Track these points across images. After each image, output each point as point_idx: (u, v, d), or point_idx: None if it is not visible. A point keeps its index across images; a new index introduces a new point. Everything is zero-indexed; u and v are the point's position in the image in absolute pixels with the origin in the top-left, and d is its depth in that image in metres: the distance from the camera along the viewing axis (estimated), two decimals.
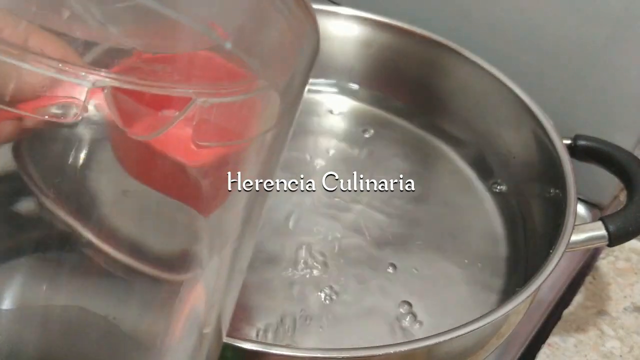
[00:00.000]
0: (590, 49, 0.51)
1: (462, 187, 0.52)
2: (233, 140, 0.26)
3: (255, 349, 0.32)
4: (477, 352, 0.39)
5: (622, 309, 0.49)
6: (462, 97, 0.54)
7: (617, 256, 0.53)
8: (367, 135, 0.55)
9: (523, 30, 0.53)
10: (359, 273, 0.45)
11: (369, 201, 0.49)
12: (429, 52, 0.53)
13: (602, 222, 0.42)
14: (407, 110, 0.56)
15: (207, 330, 0.26)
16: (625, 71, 0.50)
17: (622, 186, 0.53)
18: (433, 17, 0.57)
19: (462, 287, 0.45)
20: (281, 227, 0.47)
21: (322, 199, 0.49)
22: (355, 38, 0.55)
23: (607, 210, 0.57)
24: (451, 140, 0.55)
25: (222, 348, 0.33)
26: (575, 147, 0.47)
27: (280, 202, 0.48)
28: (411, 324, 0.42)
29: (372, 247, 0.47)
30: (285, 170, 0.50)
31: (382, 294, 0.44)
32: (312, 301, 0.43)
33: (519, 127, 0.50)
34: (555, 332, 0.48)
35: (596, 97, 0.52)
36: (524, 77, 0.51)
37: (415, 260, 0.46)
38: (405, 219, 0.49)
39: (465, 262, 0.46)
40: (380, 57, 0.55)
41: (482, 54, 0.51)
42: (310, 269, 0.45)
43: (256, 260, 0.44)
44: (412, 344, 0.33)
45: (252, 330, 0.41)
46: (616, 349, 0.47)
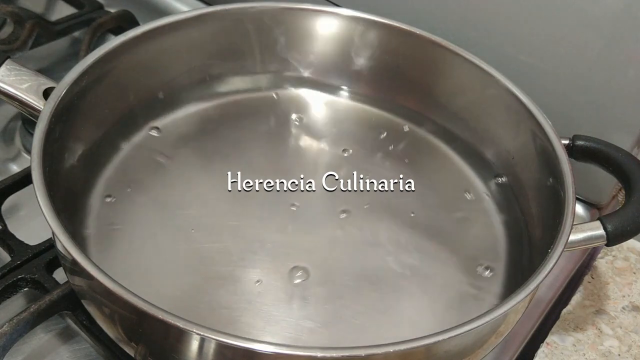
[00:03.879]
0: (588, 49, 0.51)
1: (460, 186, 0.52)
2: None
3: (256, 348, 0.33)
4: (475, 351, 0.39)
5: (621, 308, 0.49)
6: (461, 98, 0.54)
7: (615, 256, 0.53)
8: (367, 135, 0.55)
9: (521, 31, 0.53)
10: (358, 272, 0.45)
11: (370, 200, 0.49)
12: (429, 52, 0.53)
13: (601, 221, 0.42)
14: (406, 110, 0.56)
15: None
16: (624, 71, 0.50)
17: (620, 186, 0.53)
18: (433, 18, 0.57)
19: (460, 285, 0.45)
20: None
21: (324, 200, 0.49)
22: (355, 39, 0.55)
23: (605, 209, 0.57)
24: (450, 140, 0.55)
25: (223, 347, 0.33)
26: (574, 147, 0.47)
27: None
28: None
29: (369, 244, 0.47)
30: (287, 170, 0.50)
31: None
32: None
33: (517, 127, 0.50)
34: (553, 331, 0.48)
35: (594, 97, 0.52)
36: (522, 77, 0.51)
37: (414, 258, 0.46)
38: (404, 217, 0.49)
39: (463, 260, 0.46)
40: (380, 58, 0.56)
41: (481, 54, 0.52)
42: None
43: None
44: (411, 343, 0.33)
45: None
46: (614, 348, 0.47)
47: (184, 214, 0.47)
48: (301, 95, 0.57)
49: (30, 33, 0.61)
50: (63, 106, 0.44)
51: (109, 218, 0.46)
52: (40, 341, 0.44)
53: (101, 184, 0.48)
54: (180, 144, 0.52)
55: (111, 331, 0.38)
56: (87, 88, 0.46)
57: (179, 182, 0.49)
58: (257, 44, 0.56)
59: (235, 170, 0.49)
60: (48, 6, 0.71)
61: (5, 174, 0.52)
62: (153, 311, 0.33)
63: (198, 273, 0.44)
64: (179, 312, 0.33)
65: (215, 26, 0.54)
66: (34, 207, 0.38)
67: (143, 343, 0.37)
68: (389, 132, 0.55)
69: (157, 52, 0.51)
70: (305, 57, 0.57)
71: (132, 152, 0.50)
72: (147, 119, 0.52)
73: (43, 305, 0.41)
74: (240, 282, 0.43)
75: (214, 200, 0.48)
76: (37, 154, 0.40)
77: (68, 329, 0.44)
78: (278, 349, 0.33)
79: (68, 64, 0.64)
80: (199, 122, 0.54)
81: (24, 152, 0.56)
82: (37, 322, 0.41)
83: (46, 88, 0.44)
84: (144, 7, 0.71)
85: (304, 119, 0.56)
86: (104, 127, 0.49)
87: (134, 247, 0.45)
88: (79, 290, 0.40)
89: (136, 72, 0.51)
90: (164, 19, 0.51)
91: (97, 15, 0.66)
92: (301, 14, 0.55)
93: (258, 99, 0.56)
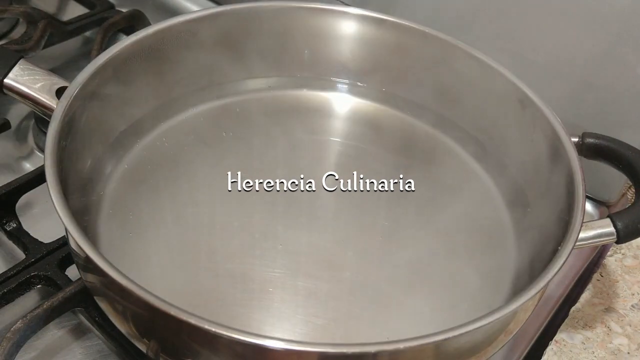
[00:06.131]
0: (597, 47, 0.51)
1: (469, 184, 0.52)
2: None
3: (267, 344, 0.33)
4: (485, 349, 0.39)
5: (630, 306, 0.49)
6: (470, 96, 0.54)
7: (624, 253, 0.53)
8: (375, 133, 0.55)
9: (531, 30, 0.53)
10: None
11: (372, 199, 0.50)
12: (438, 51, 0.53)
13: (610, 219, 0.42)
14: (415, 108, 0.56)
15: None
16: (633, 69, 0.50)
17: (630, 184, 0.53)
18: (442, 17, 0.57)
19: (469, 283, 0.45)
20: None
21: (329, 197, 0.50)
22: (364, 37, 0.55)
23: (615, 207, 0.57)
24: (459, 137, 0.55)
25: (234, 343, 0.33)
26: (583, 144, 0.47)
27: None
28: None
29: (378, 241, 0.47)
30: (289, 170, 0.51)
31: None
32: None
33: (526, 125, 0.50)
34: (562, 328, 0.48)
35: (604, 95, 0.52)
36: (531, 75, 0.51)
37: (421, 256, 0.46)
38: (411, 215, 0.49)
39: (471, 256, 0.47)
40: (389, 57, 0.56)
41: (491, 53, 0.52)
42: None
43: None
44: (421, 340, 0.34)
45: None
46: (624, 346, 0.47)
47: (196, 212, 0.47)
48: (304, 95, 0.57)
49: (42, 33, 0.62)
50: (76, 105, 0.44)
51: (121, 216, 0.46)
52: (53, 337, 0.44)
53: (112, 182, 0.48)
54: (190, 144, 0.52)
55: (123, 327, 0.39)
56: (99, 87, 0.47)
57: (189, 181, 0.49)
58: (265, 44, 0.56)
59: (241, 170, 0.50)
60: (60, 6, 0.72)
61: (19, 172, 0.53)
62: (165, 308, 0.33)
63: (209, 271, 0.44)
64: (190, 308, 0.33)
65: (225, 26, 0.54)
66: (47, 205, 0.38)
67: (155, 339, 0.37)
68: (396, 130, 0.55)
69: (167, 52, 0.52)
70: (311, 55, 0.57)
71: (143, 151, 0.51)
72: (156, 119, 0.53)
73: (56, 302, 0.42)
74: (251, 279, 0.44)
75: (224, 200, 0.48)
76: (50, 153, 0.40)
77: (81, 325, 0.45)
78: (289, 345, 0.33)
79: (80, 63, 0.64)
80: (208, 121, 0.54)
81: (37, 151, 0.57)
82: (50, 319, 0.42)
83: (59, 87, 0.45)
84: (154, 6, 0.71)
85: (313, 118, 0.56)
86: (116, 126, 0.50)
87: (145, 245, 0.45)
88: (91, 287, 0.40)
89: (145, 73, 0.51)
90: (175, 19, 0.51)
91: (108, 15, 0.67)
92: (309, 13, 0.55)
93: (263, 99, 0.57)
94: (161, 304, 0.33)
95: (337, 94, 0.58)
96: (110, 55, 0.48)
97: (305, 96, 0.57)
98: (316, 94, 0.57)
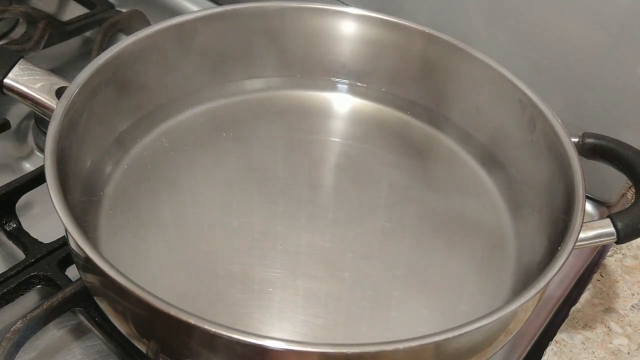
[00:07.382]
0: (597, 47, 0.51)
1: (469, 184, 0.52)
2: None
3: (267, 345, 0.33)
4: (485, 349, 0.39)
5: (630, 307, 0.49)
6: (470, 96, 0.54)
7: (624, 254, 0.53)
8: (374, 133, 0.55)
9: (530, 29, 0.53)
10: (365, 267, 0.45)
11: (375, 198, 0.50)
12: (438, 51, 0.53)
13: (611, 219, 0.42)
14: (415, 108, 0.56)
15: None
16: (633, 69, 0.50)
17: (630, 184, 0.53)
18: (442, 17, 0.57)
19: (469, 283, 0.45)
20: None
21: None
22: (364, 38, 0.55)
23: (615, 208, 0.57)
24: (459, 137, 0.55)
25: (234, 344, 0.33)
26: (583, 144, 0.47)
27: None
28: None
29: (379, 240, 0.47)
30: (289, 170, 0.51)
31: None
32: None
33: (527, 125, 0.50)
34: (562, 329, 0.48)
35: (604, 95, 0.52)
36: (531, 75, 0.51)
37: (424, 256, 0.46)
38: (411, 215, 0.49)
39: (472, 258, 0.47)
40: (389, 57, 0.56)
41: (491, 53, 0.52)
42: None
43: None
44: (421, 340, 0.34)
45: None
46: (624, 346, 0.47)
47: (196, 213, 0.47)
48: (304, 95, 0.57)
49: (42, 33, 0.62)
50: (75, 105, 0.44)
51: (121, 216, 0.46)
52: (53, 337, 0.44)
53: (112, 182, 0.48)
54: (190, 144, 0.52)
55: (123, 327, 0.39)
56: (99, 87, 0.47)
57: (189, 181, 0.49)
58: (265, 44, 0.56)
59: (241, 170, 0.50)
60: (60, 6, 0.72)
61: (18, 172, 0.53)
62: (165, 308, 0.33)
63: (209, 271, 0.44)
64: (190, 309, 0.33)
65: (225, 26, 0.54)
66: (47, 205, 0.38)
67: (155, 339, 0.37)
68: (396, 130, 0.55)
69: (167, 52, 0.52)
70: (311, 56, 0.57)
71: (143, 151, 0.51)
72: (156, 119, 0.53)
73: (56, 302, 0.42)
74: (251, 279, 0.44)
75: (224, 200, 0.48)
76: (50, 153, 0.40)
77: (80, 325, 0.45)
78: (289, 345, 0.33)
79: (80, 63, 0.64)
80: (208, 121, 0.54)
81: (37, 151, 0.57)
82: (50, 319, 0.42)
83: (59, 87, 0.45)
84: (155, 6, 0.71)
85: (312, 119, 0.56)
86: (116, 126, 0.50)
87: (145, 245, 0.45)
88: (91, 287, 0.40)
89: (145, 73, 0.51)
90: (175, 19, 0.51)
91: (108, 15, 0.67)
92: (309, 13, 0.55)
93: (266, 99, 0.57)
94: (161, 304, 0.33)
95: (337, 94, 0.58)
96: (110, 55, 0.48)
97: (305, 96, 0.57)
98: (316, 94, 0.57)
